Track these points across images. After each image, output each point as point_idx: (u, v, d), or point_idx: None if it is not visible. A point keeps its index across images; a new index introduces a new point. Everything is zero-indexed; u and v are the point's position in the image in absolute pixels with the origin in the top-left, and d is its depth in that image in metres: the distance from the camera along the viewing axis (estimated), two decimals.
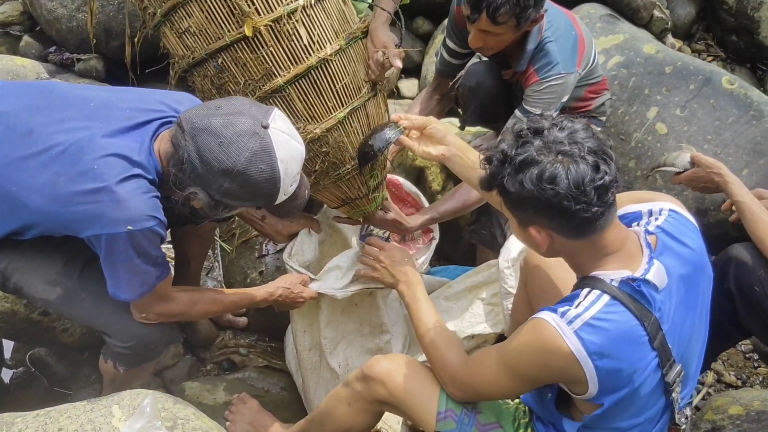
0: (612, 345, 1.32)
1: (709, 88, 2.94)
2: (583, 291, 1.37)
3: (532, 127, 1.36)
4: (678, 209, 1.51)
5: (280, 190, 1.58)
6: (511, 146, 1.35)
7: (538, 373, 1.42)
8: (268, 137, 1.54)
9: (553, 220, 1.34)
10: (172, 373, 2.38)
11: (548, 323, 1.34)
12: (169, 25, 1.78)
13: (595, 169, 1.30)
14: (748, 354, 2.66)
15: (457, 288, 2.35)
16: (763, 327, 1.89)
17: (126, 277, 1.60)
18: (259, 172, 1.53)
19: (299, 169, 1.62)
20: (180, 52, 1.82)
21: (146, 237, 1.55)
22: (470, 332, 2.26)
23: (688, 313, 1.43)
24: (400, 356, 1.70)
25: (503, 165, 1.35)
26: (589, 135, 1.34)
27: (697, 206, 2.79)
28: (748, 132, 2.84)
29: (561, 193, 1.28)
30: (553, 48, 2.19)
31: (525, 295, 1.84)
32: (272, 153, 1.54)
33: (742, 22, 3.93)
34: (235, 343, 2.49)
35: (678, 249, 1.43)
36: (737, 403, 2.04)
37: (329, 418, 1.77)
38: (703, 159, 2.01)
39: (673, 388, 1.41)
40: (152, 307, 1.70)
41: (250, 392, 2.24)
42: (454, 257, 2.84)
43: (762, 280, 1.84)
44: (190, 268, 2.29)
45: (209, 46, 1.75)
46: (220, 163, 1.51)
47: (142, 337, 1.77)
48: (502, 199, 1.40)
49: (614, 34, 3.15)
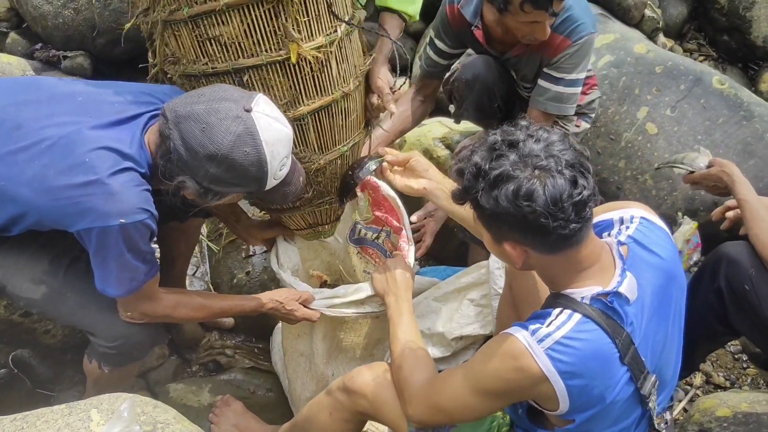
0: (583, 364, 1.29)
1: (700, 88, 2.93)
2: (554, 310, 1.34)
3: (507, 140, 1.30)
4: (649, 216, 1.49)
5: (269, 173, 1.56)
6: (485, 159, 1.28)
7: (506, 391, 1.38)
8: (251, 120, 1.52)
9: (528, 237, 1.30)
10: (157, 375, 2.35)
11: (519, 341, 1.31)
12: (191, 27, 1.62)
13: (573, 184, 1.25)
14: (737, 355, 2.65)
15: (447, 289, 2.33)
16: (752, 327, 1.89)
17: (116, 272, 1.58)
18: (244, 155, 1.51)
19: (287, 151, 1.60)
20: (191, 56, 1.68)
21: (138, 230, 1.54)
22: (459, 333, 2.24)
23: (661, 323, 1.42)
24: (382, 366, 1.67)
25: (477, 179, 1.29)
26: (566, 147, 1.29)
27: (686, 207, 2.79)
28: (738, 132, 2.84)
29: (538, 210, 1.23)
30: (577, 9, 2.21)
31: (510, 297, 1.82)
32: (256, 136, 1.52)
33: (733, 22, 3.93)
34: (222, 344, 2.47)
35: (649, 259, 1.41)
36: (724, 405, 2.03)
37: (311, 426, 1.75)
38: (718, 160, 2.05)
39: (649, 398, 1.39)
40: (138, 306, 1.69)
41: (236, 394, 2.22)
42: (445, 258, 2.83)
43: (752, 278, 1.84)
44: (176, 267, 2.27)
45: (239, 60, 1.64)
46: (204, 149, 1.50)
47: (128, 337, 1.75)
48: (476, 213, 1.35)
49: (605, 34, 3.15)
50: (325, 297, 1.93)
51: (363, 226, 2.29)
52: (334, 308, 1.94)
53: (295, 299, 1.90)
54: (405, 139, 2.87)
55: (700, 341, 2.02)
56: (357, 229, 2.29)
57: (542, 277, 1.44)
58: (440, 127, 2.93)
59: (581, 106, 2.55)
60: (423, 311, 2.27)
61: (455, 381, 1.44)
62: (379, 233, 2.27)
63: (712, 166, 2.05)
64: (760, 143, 2.79)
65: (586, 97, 2.58)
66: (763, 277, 1.83)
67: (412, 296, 1.82)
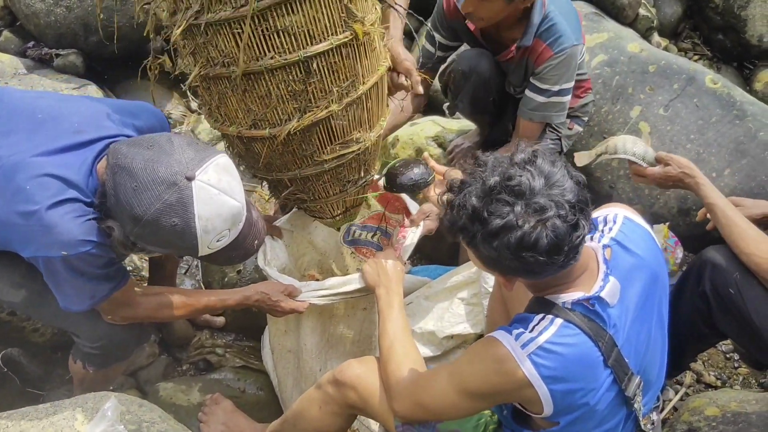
0: (566, 369, 1.30)
1: (693, 88, 2.93)
2: (537, 316, 1.35)
3: (507, 185, 1.24)
4: (631, 216, 1.50)
5: (199, 246, 1.49)
6: (482, 204, 1.24)
7: (490, 393, 1.39)
8: (188, 191, 1.43)
9: (519, 275, 1.32)
10: (147, 374, 2.35)
11: (503, 345, 1.32)
12: (258, 21, 1.49)
13: (574, 228, 1.24)
14: (729, 354, 2.65)
15: (438, 288, 2.33)
16: (737, 329, 1.88)
17: (73, 293, 1.56)
18: (171, 225, 1.44)
19: (228, 225, 1.51)
20: (254, 53, 1.54)
21: (84, 260, 1.50)
22: (450, 332, 2.24)
23: (644, 324, 1.42)
24: (372, 360, 1.67)
25: (473, 223, 1.26)
26: (566, 176, 1.26)
27: (679, 206, 2.79)
28: (731, 131, 2.84)
29: (540, 259, 1.23)
30: (561, 20, 2.20)
31: (500, 294, 1.82)
32: (189, 208, 1.43)
33: (728, 21, 3.93)
34: (212, 343, 2.47)
35: (632, 260, 1.42)
36: (714, 404, 2.02)
37: (301, 420, 1.75)
38: (674, 158, 1.97)
39: (634, 399, 1.39)
40: (116, 312, 1.67)
41: (226, 393, 2.22)
42: (436, 257, 2.83)
43: (737, 282, 1.83)
44: (165, 269, 2.27)
45: (307, 48, 1.54)
46: (131, 208, 1.44)
47: (111, 338, 1.74)
48: (468, 250, 1.33)
49: (598, 33, 3.14)
50: (313, 289, 1.91)
51: (358, 227, 2.28)
52: (322, 297, 1.91)
53: (280, 291, 1.86)
54: (398, 137, 2.87)
55: (688, 342, 2.01)
56: (351, 231, 2.28)
57: (529, 289, 1.45)
58: (433, 126, 2.93)
59: (574, 109, 2.55)
60: (414, 310, 2.27)
61: (440, 380, 1.44)
62: (375, 231, 2.26)
63: (668, 159, 1.97)
64: (753, 142, 2.79)
65: (580, 100, 2.58)
66: (747, 280, 1.82)
67: (403, 290, 1.81)
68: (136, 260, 2.63)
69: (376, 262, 1.82)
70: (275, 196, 1.96)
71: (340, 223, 2.01)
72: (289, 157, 1.71)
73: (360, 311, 2.10)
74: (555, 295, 1.35)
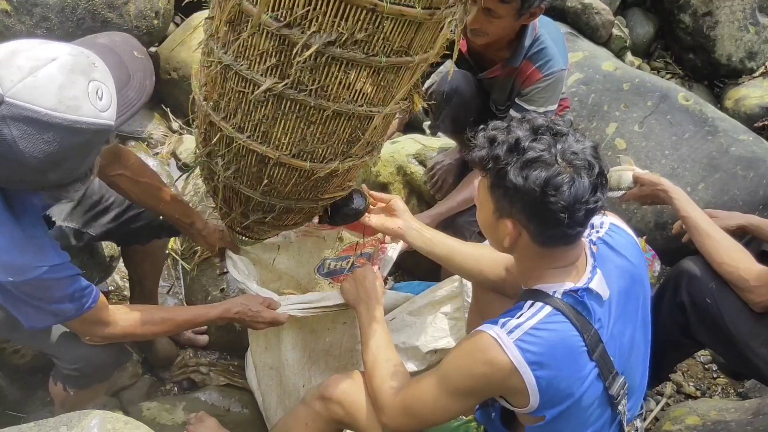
0: (551, 354, 1.32)
1: (666, 105, 3.01)
2: (526, 303, 1.37)
3: (553, 128, 1.33)
4: (618, 223, 1.54)
5: (92, 123, 1.25)
6: (527, 137, 1.31)
7: (478, 387, 1.39)
8: (13, 107, 1.19)
9: (533, 222, 1.33)
10: (130, 394, 2.32)
11: (488, 335, 1.33)
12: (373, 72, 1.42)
13: (594, 191, 1.29)
14: (707, 365, 2.69)
15: (421, 303, 2.34)
16: (715, 339, 1.92)
17: (33, 313, 1.47)
18: (46, 142, 1.22)
19: (77, 78, 1.24)
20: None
21: (34, 287, 1.40)
22: (433, 346, 2.25)
23: (627, 325, 1.45)
24: (357, 375, 1.67)
25: (511, 153, 1.31)
26: (597, 156, 1.33)
27: (656, 220, 2.84)
28: (703, 147, 2.91)
29: (561, 204, 1.27)
30: (551, 44, 2.23)
31: (477, 308, 1.85)
32: (33, 114, 1.20)
33: (698, 41, 4.05)
34: (196, 362, 2.45)
35: (617, 261, 1.45)
36: (694, 413, 2.06)
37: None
38: (646, 177, 2.04)
39: (619, 400, 1.41)
40: (91, 331, 1.61)
41: (210, 411, 2.20)
42: (418, 273, 2.85)
43: (713, 292, 1.87)
44: (144, 286, 2.25)
45: (387, 106, 1.53)
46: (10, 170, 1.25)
47: (90, 359, 1.71)
48: (492, 182, 1.36)
49: (574, 52, 3.22)
50: (292, 303, 1.89)
51: (332, 260, 2.25)
52: (302, 310, 1.89)
53: (259, 302, 1.82)
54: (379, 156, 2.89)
55: (667, 353, 2.04)
56: (326, 264, 2.25)
57: (519, 268, 1.46)
58: (414, 143, 2.97)
59: None
60: (398, 326, 2.28)
61: (427, 384, 1.45)
62: (350, 259, 2.25)
63: (639, 178, 2.05)
64: (725, 157, 2.87)
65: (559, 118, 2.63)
66: (723, 290, 1.86)
67: (383, 304, 1.81)
68: (118, 279, 2.62)
69: (354, 279, 1.83)
70: (227, 215, 1.83)
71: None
72: (299, 189, 1.66)
73: (340, 325, 2.10)
74: (545, 285, 1.38)
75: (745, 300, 1.84)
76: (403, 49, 1.41)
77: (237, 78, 1.46)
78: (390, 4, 1.29)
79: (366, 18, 1.31)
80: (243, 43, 1.40)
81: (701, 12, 3.98)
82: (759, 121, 3.62)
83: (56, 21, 2.90)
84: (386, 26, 1.33)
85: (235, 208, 1.76)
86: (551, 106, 2.34)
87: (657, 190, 2.00)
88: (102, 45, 1.38)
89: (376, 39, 1.35)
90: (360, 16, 1.30)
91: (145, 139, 3.22)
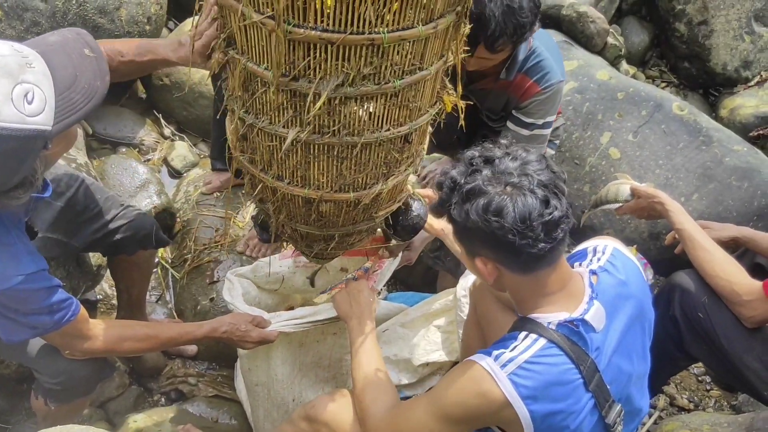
0: (545, 388, 1.29)
1: (661, 114, 3.00)
2: (520, 334, 1.34)
3: (484, 156, 1.32)
4: (621, 249, 1.51)
5: (17, 128, 1.18)
6: (462, 174, 1.32)
7: (469, 417, 1.36)
8: None
9: (499, 253, 1.31)
10: (117, 405, 2.30)
11: (481, 367, 1.30)
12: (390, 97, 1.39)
13: (545, 204, 1.26)
14: (701, 377, 2.68)
15: (414, 315, 2.32)
16: (708, 352, 1.90)
17: (9, 325, 1.44)
18: None
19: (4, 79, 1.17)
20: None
21: (8, 298, 1.37)
22: (425, 359, 2.24)
23: (627, 353, 1.42)
24: (345, 394, 1.64)
25: (452, 192, 1.32)
26: (542, 167, 1.30)
27: (650, 230, 2.83)
28: (698, 157, 2.90)
29: (506, 226, 1.24)
30: (547, 56, 2.23)
31: (475, 318, 1.83)
32: None
33: (693, 50, 4.04)
34: (184, 373, 2.42)
35: (619, 289, 1.42)
36: (687, 427, 2.04)
37: None
38: (642, 190, 2.03)
39: (615, 428, 1.38)
40: (72, 346, 1.58)
41: (198, 423, 2.18)
42: (412, 283, 2.83)
43: (705, 306, 1.86)
44: (131, 296, 2.23)
45: (416, 121, 1.49)
46: None
47: (71, 373, 1.68)
48: (452, 227, 1.37)
49: (569, 60, 3.21)
50: (283, 319, 1.87)
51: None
52: (293, 326, 1.86)
53: (248, 321, 1.78)
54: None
55: (660, 366, 2.02)
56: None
57: (513, 298, 1.44)
58: None
59: None
60: (390, 337, 2.26)
61: (418, 409, 1.42)
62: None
63: (636, 191, 2.05)
64: (719, 167, 2.86)
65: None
66: (716, 304, 1.86)
67: (375, 319, 1.79)
68: (106, 288, 2.59)
69: (348, 293, 1.80)
70: (280, 239, 1.84)
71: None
72: (351, 216, 1.63)
73: (330, 336, 2.08)
74: (539, 315, 1.35)
75: (736, 314, 1.83)
76: (416, 66, 1.37)
77: (263, 134, 1.46)
78: (388, 34, 1.25)
79: (368, 53, 1.28)
80: (259, 100, 1.40)
81: (697, 21, 3.98)
82: (754, 130, 3.61)
83: (47, 26, 2.87)
84: (391, 54, 1.30)
85: (299, 241, 1.77)
86: (550, 118, 2.33)
87: (654, 203, 2.00)
88: (51, 44, 1.28)
89: (384, 68, 1.32)
90: (361, 53, 1.27)
91: (137, 145, 3.20)
